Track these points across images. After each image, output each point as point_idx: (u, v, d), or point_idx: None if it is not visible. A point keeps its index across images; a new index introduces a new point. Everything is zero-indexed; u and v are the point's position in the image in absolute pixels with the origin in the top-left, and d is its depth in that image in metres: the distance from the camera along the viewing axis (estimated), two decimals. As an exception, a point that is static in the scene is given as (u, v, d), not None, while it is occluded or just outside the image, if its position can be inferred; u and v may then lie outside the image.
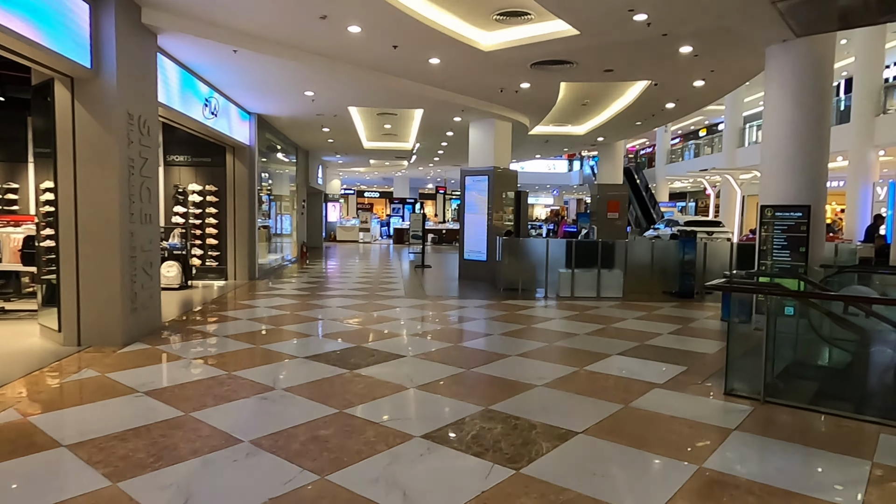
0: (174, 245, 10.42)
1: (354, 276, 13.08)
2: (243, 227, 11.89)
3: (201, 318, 7.68)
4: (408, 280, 12.46)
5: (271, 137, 14.29)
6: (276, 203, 16.81)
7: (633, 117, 13.12)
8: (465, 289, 11.24)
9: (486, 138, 12.39)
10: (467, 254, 12.57)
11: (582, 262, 10.24)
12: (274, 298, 9.51)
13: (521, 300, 9.73)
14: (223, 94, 10.06)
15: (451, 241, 27.46)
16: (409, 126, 14.55)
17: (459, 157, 19.75)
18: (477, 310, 8.71)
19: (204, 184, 11.83)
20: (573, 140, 16.69)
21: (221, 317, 7.84)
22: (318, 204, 23.79)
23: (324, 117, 12.49)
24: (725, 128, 26.01)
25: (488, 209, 12.16)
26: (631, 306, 9.24)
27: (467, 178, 12.51)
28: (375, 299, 9.51)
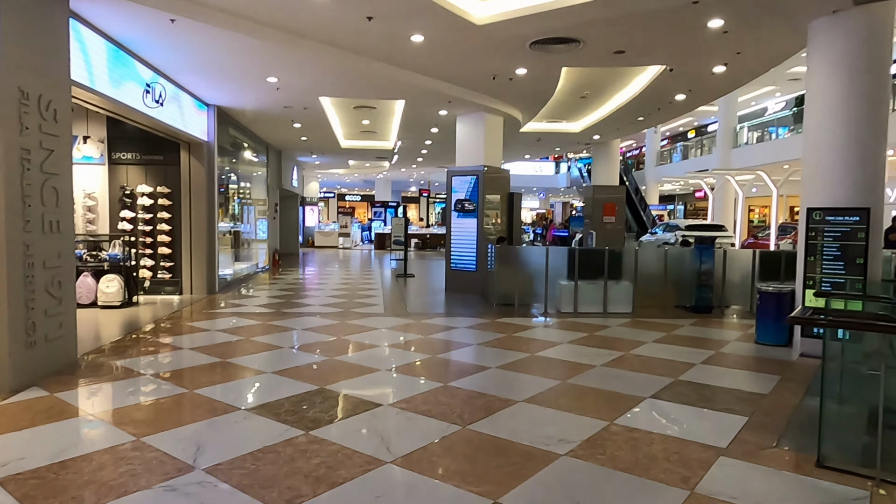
0: (115, 256, 8.98)
1: (329, 288, 11.72)
2: (201, 234, 10.47)
3: (133, 348, 6.27)
4: (388, 292, 11.13)
5: (236, 134, 12.87)
6: (245, 207, 15.41)
7: (636, 112, 11.96)
8: (453, 304, 9.94)
9: (475, 134, 11.13)
10: (455, 263, 11.28)
11: (586, 273, 9.00)
12: (231, 318, 8.12)
13: (518, 318, 8.46)
14: (171, 79, 8.65)
15: (435, 247, 26.16)
16: (389, 122, 13.24)
17: (445, 157, 18.49)
18: (468, 332, 7.42)
19: (155, 185, 10.39)
20: (567, 138, 15.51)
21: (158, 345, 6.44)
22: (294, 208, 22.36)
23: (293, 110, 11.12)
24: (719, 128, 25.10)
25: (478, 213, 10.89)
26: (645, 324, 8.02)
27: (454, 179, 11.23)
28: (350, 318, 8.17)
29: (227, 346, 6.33)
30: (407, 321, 8.06)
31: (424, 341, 6.84)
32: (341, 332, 7.17)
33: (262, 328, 7.42)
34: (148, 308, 8.91)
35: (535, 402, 4.50)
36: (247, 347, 6.30)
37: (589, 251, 9.79)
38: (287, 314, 8.50)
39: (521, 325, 7.84)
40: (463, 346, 6.59)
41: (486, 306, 9.45)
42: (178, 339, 6.78)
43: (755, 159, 20.20)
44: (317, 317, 8.28)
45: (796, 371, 5.64)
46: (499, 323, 7.98)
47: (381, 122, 13.41)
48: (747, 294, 9.15)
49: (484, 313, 8.78)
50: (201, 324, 7.70)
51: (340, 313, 8.60)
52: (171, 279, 10.44)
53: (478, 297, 10.47)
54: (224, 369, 5.42)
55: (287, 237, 21.67)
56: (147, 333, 7.03)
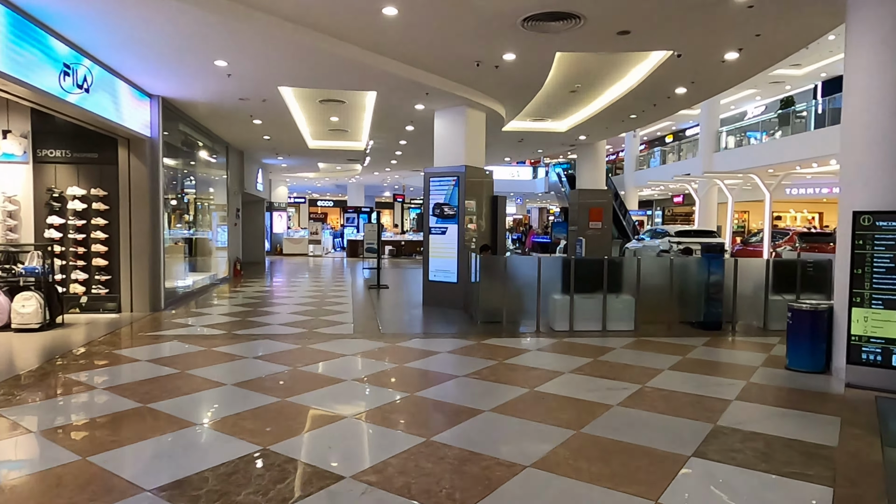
0: (32, 269, 7.62)
1: (294, 302, 10.48)
2: (143, 243, 9.15)
3: (30, 388, 4.99)
4: (360, 307, 9.94)
5: (188, 131, 11.57)
6: (201, 212, 14.07)
7: (629, 108, 11.04)
8: (433, 321, 8.81)
9: (456, 131, 10.04)
10: (433, 273, 10.15)
11: (583, 287, 7.96)
12: (170, 343, 6.85)
13: (507, 338, 7.37)
14: (99, 61, 7.36)
15: (410, 254, 25.01)
16: (360, 118, 12.08)
17: (421, 158, 17.39)
18: (451, 359, 6.30)
19: (89, 187, 9.05)
20: (552, 138, 14.56)
21: (68, 383, 5.16)
22: (260, 213, 20.97)
23: (250, 104, 9.89)
24: (701, 132, 24.53)
25: (458, 219, 9.80)
26: (652, 346, 7.00)
27: (432, 182, 10.11)
28: (313, 340, 6.97)
29: (154, 385, 5.09)
30: (379, 344, 6.89)
31: (400, 373, 5.68)
32: (300, 361, 5.97)
33: (205, 357, 6.17)
34: (73, 331, 7.56)
35: (548, 468, 3.40)
36: (178, 385, 5.06)
37: (586, 262, 8.77)
38: (239, 336, 7.26)
39: (512, 349, 6.74)
40: (446, 378, 5.45)
41: (469, 324, 8.34)
42: (93, 373, 5.50)
43: (742, 163, 19.57)
44: (274, 340, 7.06)
45: (854, 409, 4.65)
46: (486, 346, 6.87)
47: (351, 119, 12.25)
48: (760, 308, 8.23)
49: (468, 333, 7.66)
50: (131, 352, 6.41)
51: (302, 335, 7.39)
52: (108, 295, 9.08)
53: (459, 312, 9.35)
54: (138, 421, 4.18)
55: (252, 245, 20.28)
56: (58, 365, 5.73)
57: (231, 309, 9.72)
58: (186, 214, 13.73)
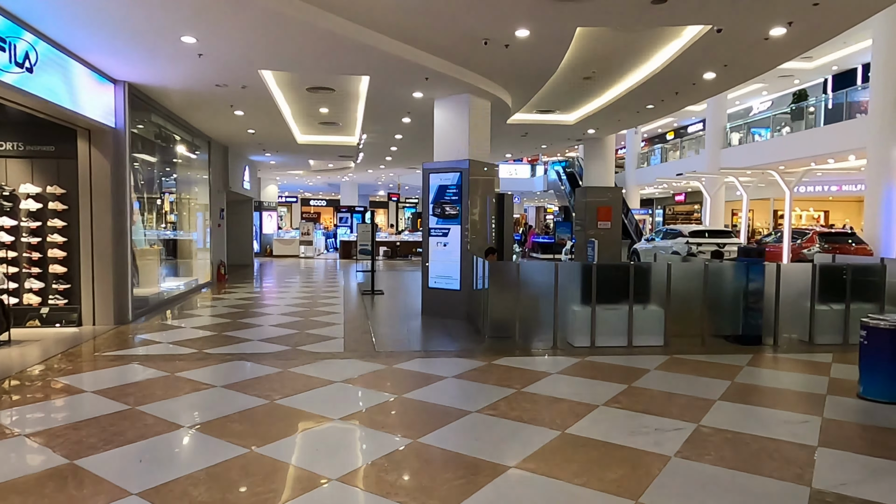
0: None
1: (279, 311, 9.46)
2: (106, 247, 8.12)
3: (-65, 435, 3.97)
4: (351, 318, 8.94)
5: (163, 123, 10.52)
6: (179, 212, 13.04)
7: (647, 97, 10.07)
8: (434, 335, 7.83)
9: (458, 121, 9.05)
10: (433, 280, 9.16)
11: (606, 296, 6.99)
12: (127, 367, 5.83)
13: (521, 356, 6.40)
14: (46, 37, 6.32)
15: (406, 255, 24.01)
16: (352, 110, 11.07)
17: (418, 154, 16.39)
18: (459, 386, 5.31)
19: (44, 184, 8.01)
20: (558, 132, 13.60)
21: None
22: (248, 213, 19.92)
23: (229, 91, 8.86)
24: (708, 128, 23.69)
25: (461, 219, 8.82)
26: (690, 366, 6.05)
27: (432, 177, 9.13)
28: (296, 362, 5.97)
29: (92, 428, 4.07)
30: (373, 367, 5.89)
31: (399, 408, 4.69)
32: (278, 391, 4.97)
33: (165, 385, 5.16)
34: (17, 351, 6.52)
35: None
36: (121, 429, 4.05)
37: (610, 268, 7.78)
38: (210, 357, 6.24)
39: (530, 372, 5.76)
40: (456, 414, 4.46)
41: (475, 339, 7.36)
42: (21, 411, 4.48)
43: (752, 159, 18.70)
44: (251, 360, 6.06)
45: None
46: (498, 368, 5.89)
47: (342, 111, 11.23)
48: (804, 319, 7.29)
49: (475, 351, 6.68)
50: (78, 380, 5.38)
51: (285, 354, 6.39)
52: (67, 306, 8.04)
53: (463, 324, 8.37)
54: (56, 489, 3.18)
55: (239, 246, 19.22)
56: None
57: (208, 321, 8.69)
58: (162, 214, 12.70)
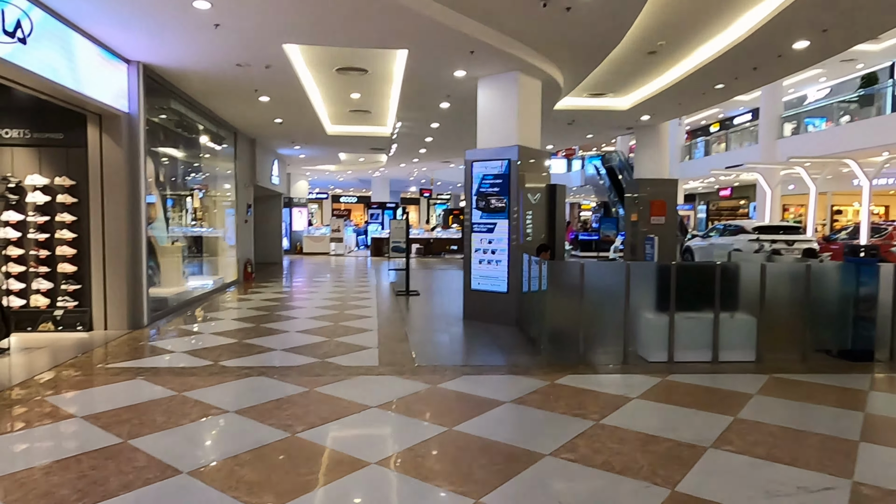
0: (-38, 280, 5.87)
1: (307, 315, 8.63)
2: (119, 245, 7.38)
3: None
4: (386, 322, 8.04)
5: (184, 111, 9.79)
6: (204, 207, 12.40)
7: (719, 74, 8.88)
8: (481, 345, 6.85)
9: (506, 103, 8.05)
10: (476, 281, 8.19)
11: (686, 302, 5.92)
12: (130, 383, 5.02)
13: (587, 374, 5.39)
14: (44, 5, 5.55)
15: (439, 253, 23.09)
16: (385, 94, 10.16)
17: (454, 145, 15.44)
18: (520, 415, 4.33)
19: (53, 175, 7.32)
20: (609, 118, 12.46)
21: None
22: (277, 209, 19.28)
23: (252, 72, 8.04)
24: (762, 117, 22.15)
25: (509, 212, 7.83)
26: (800, 389, 4.95)
27: (475, 166, 8.16)
28: (323, 379, 5.08)
29: (71, 471, 3.23)
30: (413, 386, 4.96)
31: (447, 444, 3.73)
32: (301, 420, 4.07)
33: (168, 410, 4.31)
34: (12, 361, 5.80)
35: None
36: (105, 474, 3.19)
37: (692, 268, 6.67)
38: (227, 371, 5.40)
39: (603, 395, 4.75)
40: (523, 459, 3.48)
41: (529, 350, 6.38)
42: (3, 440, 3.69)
43: (807, 150, 17.16)
44: (272, 377, 5.19)
45: None
46: (564, 390, 4.89)
47: (375, 96, 10.34)
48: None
49: (531, 365, 5.69)
50: (70, 400, 4.58)
51: (311, 368, 5.51)
52: (77, 309, 7.34)
53: (512, 331, 7.39)
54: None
55: (268, 244, 18.60)
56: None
57: (229, 325, 7.90)
58: (186, 210, 12.04)
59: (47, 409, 4.30)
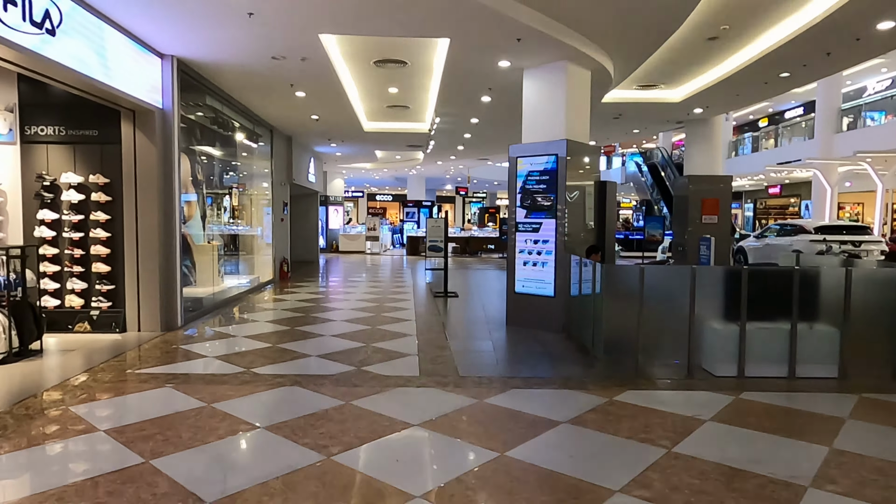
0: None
1: (343, 316, 8.31)
2: (153, 244, 7.18)
3: None
4: (425, 326, 7.65)
5: (220, 107, 9.60)
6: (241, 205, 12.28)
7: (786, 61, 8.18)
8: (528, 353, 6.39)
9: (553, 94, 7.55)
10: (521, 284, 7.73)
11: (759, 311, 5.34)
12: (158, 392, 4.75)
13: (649, 389, 4.88)
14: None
15: (476, 252, 22.65)
16: (424, 88, 9.77)
17: (494, 141, 14.98)
18: (576, 436, 3.87)
19: (87, 173, 7.17)
20: (658, 112, 11.80)
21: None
22: (313, 207, 19.17)
23: (288, 65, 7.74)
24: (819, 111, 20.95)
25: (556, 211, 7.34)
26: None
27: (520, 162, 7.69)
28: (361, 390, 4.71)
29: (86, 496, 2.93)
30: (457, 401, 4.54)
31: (500, 473, 3.29)
32: (336, 438, 3.70)
33: (195, 424, 3.99)
34: (42, 365, 5.62)
35: None
36: (120, 502, 2.88)
37: (766, 274, 6.06)
38: (259, 379, 5.09)
39: (670, 416, 4.24)
40: (587, 497, 3.02)
41: (581, 360, 5.89)
42: (7, 461, 3.41)
43: (869, 144, 16.05)
44: (306, 387, 4.84)
45: None
46: (625, 408, 4.40)
47: (413, 90, 9.96)
48: None
49: (586, 378, 5.21)
50: (93, 410, 4.33)
51: (348, 377, 5.15)
52: (111, 310, 7.18)
53: (559, 338, 6.91)
54: None
55: (304, 242, 18.50)
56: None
57: (263, 327, 7.63)
58: (222, 208, 11.91)
59: (70, 421, 4.04)
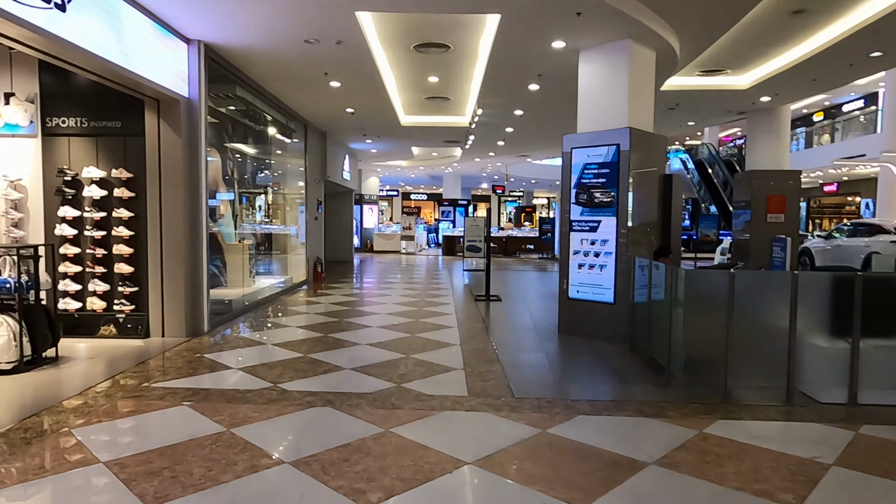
0: (3, 283, 5.26)
1: (379, 322, 7.69)
2: (178, 243, 6.69)
3: None
4: (469, 335, 6.96)
5: (251, 99, 9.11)
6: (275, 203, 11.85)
7: (880, 38, 7.20)
8: (590, 369, 5.64)
9: (615, 77, 6.76)
10: (575, 289, 6.96)
11: (874, 326, 4.47)
12: (174, 411, 4.18)
13: (742, 418, 4.08)
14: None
15: (514, 253, 21.86)
16: (468, 76, 9.08)
17: (536, 136, 14.22)
18: (672, 484, 3.11)
19: (110, 167, 6.71)
20: (719, 101, 10.84)
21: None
22: (348, 206, 18.72)
23: (322, 50, 7.16)
24: (888, 101, 19.42)
25: (618, 208, 6.55)
26: None
27: (575, 154, 6.93)
28: (401, 414, 4.04)
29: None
30: (516, 430, 3.83)
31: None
32: (375, 482, 3.04)
33: (212, 452, 3.39)
34: (54, 374, 5.13)
35: None
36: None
37: (886, 281, 5.16)
38: (287, 397, 4.48)
39: (782, 457, 3.44)
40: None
41: (652, 378, 5.10)
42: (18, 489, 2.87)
43: None
44: (340, 409, 4.20)
45: None
46: (721, 444, 3.61)
47: (455, 79, 9.28)
48: None
49: (664, 403, 4.43)
50: (103, 432, 3.77)
51: (386, 396, 4.50)
52: (134, 313, 6.71)
53: (622, 350, 6.13)
54: None
55: (339, 242, 18.07)
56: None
57: (295, 333, 7.06)
58: (254, 206, 11.49)
59: (69, 448, 3.49)
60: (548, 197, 42.48)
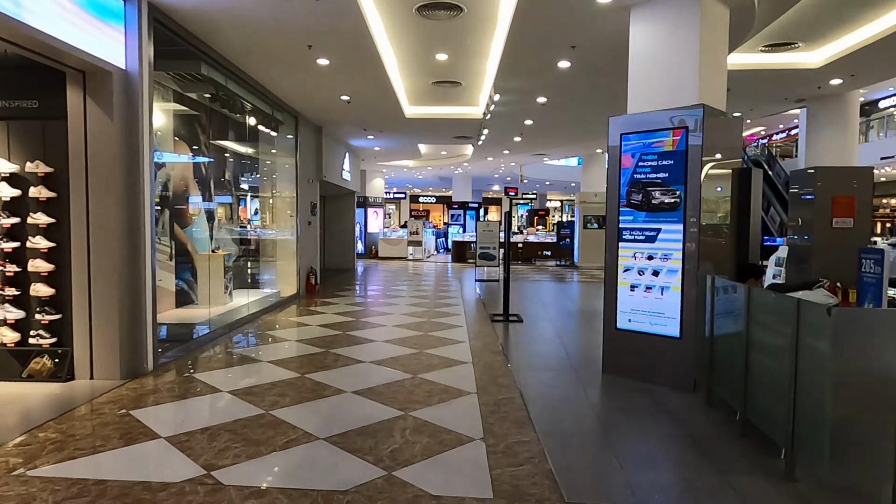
0: None
1: (375, 356, 6.13)
2: (111, 258, 5.15)
3: None
4: (489, 381, 5.38)
5: (220, 80, 7.58)
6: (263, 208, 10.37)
7: None
8: (658, 439, 4.03)
9: (680, 41, 5.18)
10: (626, 316, 5.36)
11: None
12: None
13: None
14: None
15: (530, 259, 20.25)
16: (483, 52, 7.53)
17: (558, 130, 12.62)
18: None
19: (23, 160, 5.21)
20: (783, 83, 9.21)
21: None
22: (349, 209, 17.22)
23: (297, 8, 5.62)
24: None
25: (684, 211, 4.96)
26: None
27: (625, 142, 5.35)
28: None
29: None
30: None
31: None
32: None
33: None
34: None
35: None
36: None
37: None
38: (220, 499, 2.91)
39: None
40: None
41: (753, 455, 3.49)
42: None
43: None
44: (320, 488, 2.65)
45: None
46: None
47: (468, 58, 7.73)
48: None
49: (769, 492, 2.84)
50: None
51: (370, 498, 2.93)
52: (54, 347, 5.19)
53: (693, 401, 4.54)
54: None
55: (339, 248, 16.60)
56: None
57: (266, 373, 5.50)
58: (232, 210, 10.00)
59: None
60: (562, 200, 40.84)
